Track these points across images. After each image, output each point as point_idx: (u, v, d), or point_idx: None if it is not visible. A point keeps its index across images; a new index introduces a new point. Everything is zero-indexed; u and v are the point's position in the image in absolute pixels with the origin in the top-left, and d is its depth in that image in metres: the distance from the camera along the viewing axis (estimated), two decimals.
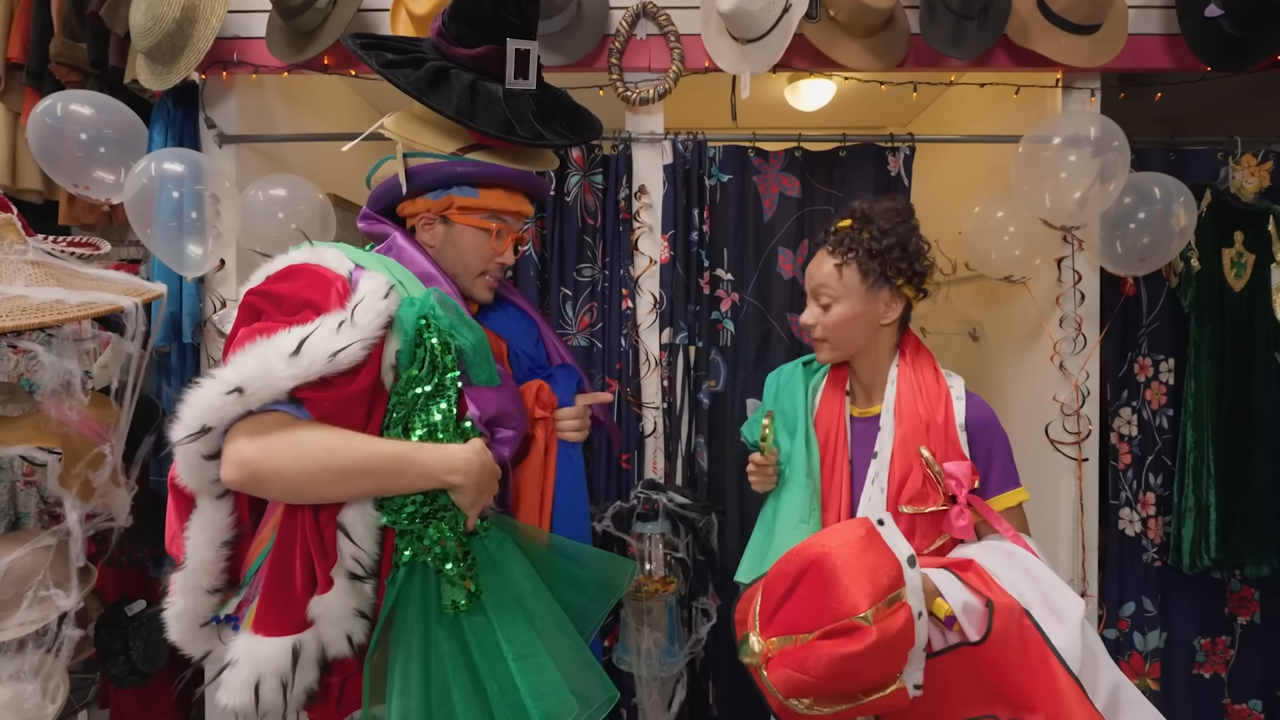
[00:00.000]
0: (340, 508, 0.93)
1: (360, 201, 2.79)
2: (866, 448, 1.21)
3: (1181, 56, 1.91)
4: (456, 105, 1.08)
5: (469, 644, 0.97)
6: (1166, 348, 2.00)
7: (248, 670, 0.89)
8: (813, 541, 0.92)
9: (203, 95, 1.95)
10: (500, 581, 1.02)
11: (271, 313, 0.91)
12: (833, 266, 1.19)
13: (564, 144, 1.17)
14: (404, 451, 0.92)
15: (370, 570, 0.95)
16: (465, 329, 1.01)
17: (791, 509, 1.20)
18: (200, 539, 0.94)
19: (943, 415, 1.16)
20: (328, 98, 2.47)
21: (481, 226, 1.13)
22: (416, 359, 0.96)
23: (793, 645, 0.87)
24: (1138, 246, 1.82)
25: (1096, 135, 1.72)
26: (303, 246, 0.99)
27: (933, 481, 1.12)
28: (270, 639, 0.91)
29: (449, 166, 1.11)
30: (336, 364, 0.87)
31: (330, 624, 0.92)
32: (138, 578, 2.01)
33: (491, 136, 1.09)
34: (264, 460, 0.85)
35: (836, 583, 0.86)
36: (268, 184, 1.89)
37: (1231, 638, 2.03)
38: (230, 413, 0.85)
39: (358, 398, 0.91)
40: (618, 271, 1.95)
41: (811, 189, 1.99)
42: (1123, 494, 2.02)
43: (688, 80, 1.95)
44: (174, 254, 1.80)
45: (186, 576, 0.95)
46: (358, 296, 0.91)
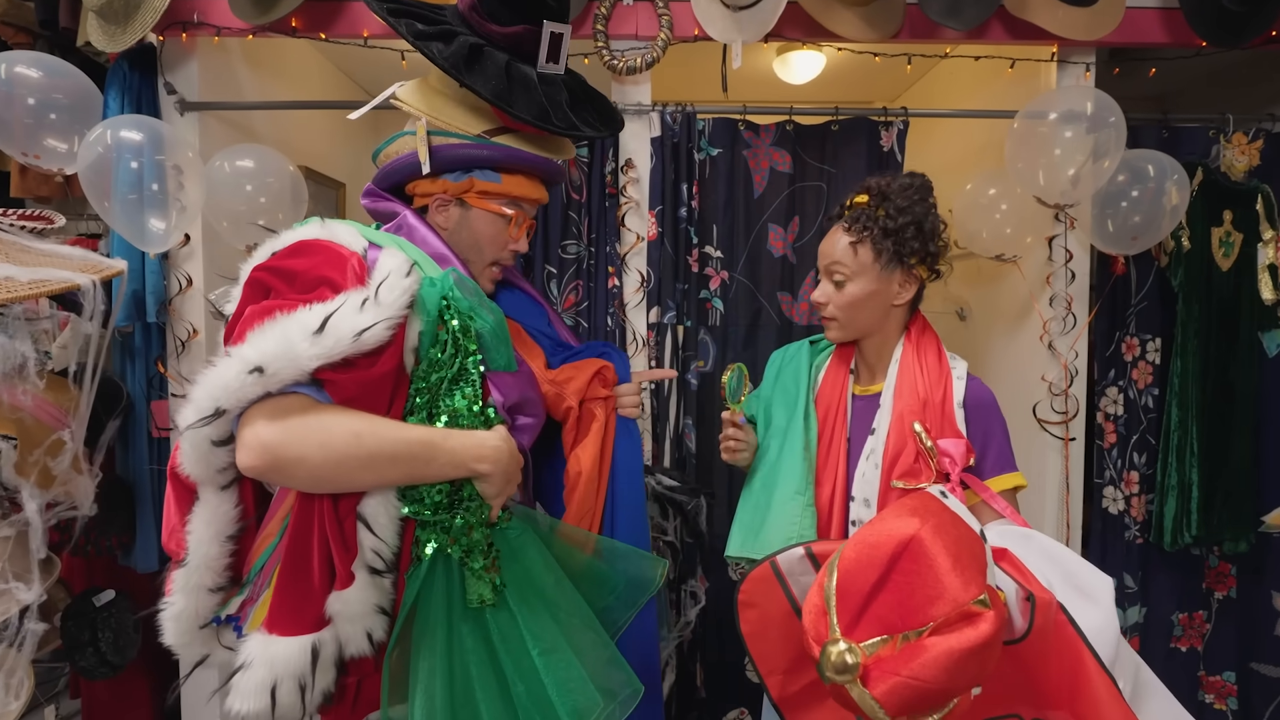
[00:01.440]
0: (360, 497, 0.87)
1: (335, 174, 2.69)
2: (866, 425, 1.19)
3: (1176, 31, 1.88)
4: (495, 88, 1.03)
5: (493, 639, 0.93)
6: (1154, 327, 2.00)
7: (263, 673, 0.83)
8: (892, 522, 0.82)
9: (161, 59, 1.84)
10: (522, 574, 0.98)
11: (283, 290, 0.85)
12: (848, 244, 1.15)
13: (595, 135, 1.13)
14: (433, 438, 0.88)
15: (390, 564, 0.89)
16: (485, 311, 0.96)
17: (789, 480, 1.17)
18: (204, 533, 0.88)
19: (941, 394, 1.15)
20: (297, 63, 2.34)
21: (498, 213, 1.09)
22: (438, 341, 0.91)
23: (894, 647, 0.74)
24: (1129, 225, 1.81)
25: (1093, 111, 1.69)
26: (311, 221, 0.93)
27: (925, 457, 1.10)
28: (287, 639, 0.84)
29: (474, 149, 1.06)
30: (361, 344, 0.81)
31: (350, 621, 0.86)
32: (106, 567, 1.94)
33: (527, 123, 1.05)
34: (286, 445, 0.79)
35: (938, 565, 0.76)
36: (234, 154, 1.79)
37: (1208, 612, 2.07)
38: (249, 394, 0.79)
39: (382, 380, 0.86)
40: (604, 249, 1.89)
41: (803, 164, 1.94)
42: (1107, 473, 2.03)
43: (676, 50, 1.88)
44: (134, 228, 1.70)
45: (188, 574, 0.88)
46: (380, 274, 0.86)
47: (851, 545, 0.83)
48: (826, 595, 0.80)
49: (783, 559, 0.98)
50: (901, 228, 1.12)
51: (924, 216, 1.13)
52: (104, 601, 1.73)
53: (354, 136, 2.88)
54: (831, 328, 1.21)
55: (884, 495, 1.11)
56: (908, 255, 1.14)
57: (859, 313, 1.18)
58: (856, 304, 1.16)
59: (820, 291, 1.20)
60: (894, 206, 1.13)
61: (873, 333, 1.20)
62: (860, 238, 1.14)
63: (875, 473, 1.14)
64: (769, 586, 0.98)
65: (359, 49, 1.89)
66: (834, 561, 0.83)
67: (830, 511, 1.16)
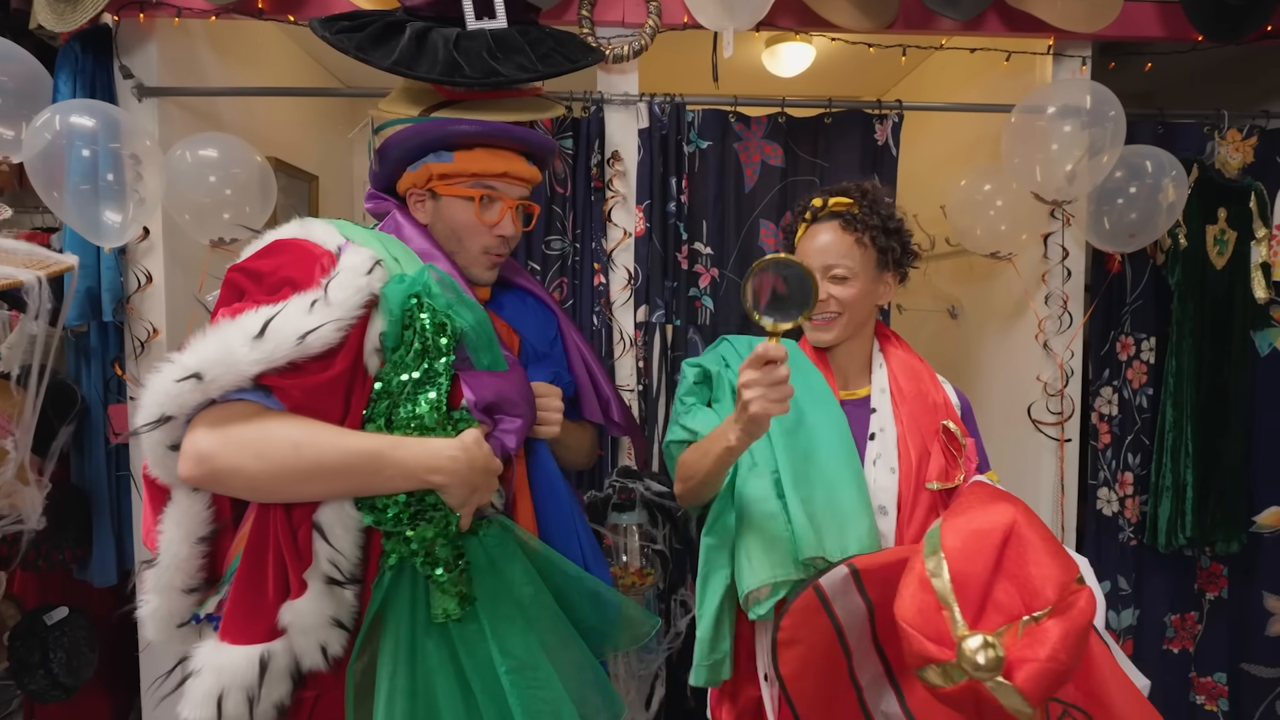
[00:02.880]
0: (316, 505, 0.84)
1: (307, 167, 2.59)
2: (858, 430, 1.14)
3: (1173, 25, 1.85)
4: (396, 57, 0.98)
5: (459, 655, 0.88)
6: (1149, 326, 1.97)
7: (210, 681, 0.81)
8: (986, 510, 0.81)
9: (117, 40, 1.72)
10: (498, 586, 0.92)
11: (252, 291, 0.84)
12: (854, 241, 1.14)
13: (526, 78, 1.03)
14: (380, 448, 0.82)
15: (350, 575, 0.85)
16: (464, 309, 0.92)
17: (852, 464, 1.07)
18: (174, 534, 0.86)
19: (941, 395, 1.18)
20: (264, 48, 2.23)
21: (463, 195, 1.01)
22: (404, 342, 0.87)
23: (1016, 635, 0.72)
24: (1126, 222, 1.77)
25: (1092, 105, 1.65)
26: (294, 220, 0.92)
27: (953, 457, 1.09)
28: (235, 648, 0.82)
29: (415, 131, 1.01)
30: (306, 347, 0.79)
31: (302, 633, 0.83)
32: (60, 582, 1.82)
33: (434, 82, 0.99)
34: (221, 456, 0.78)
35: (1040, 547, 0.76)
36: (196, 143, 1.69)
37: (1200, 613, 2.05)
38: (188, 401, 0.78)
39: (331, 385, 0.83)
40: (589, 245, 1.81)
41: (795, 158, 1.88)
42: (1101, 474, 2.01)
43: (664, 39, 1.80)
44: (88, 221, 1.59)
45: (159, 574, 0.86)
46: (335, 271, 0.84)
47: (954, 536, 0.79)
48: (940, 590, 0.76)
49: (827, 582, 0.91)
50: (898, 229, 1.16)
51: (903, 221, 1.18)
52: (56, 620, 1.62)
53: (327, 127, 2.77)
54: (833, 327, 1.15)
55: (908, 501, 1.07)
56: (899, 256, 1.17)
57: (859, 312, 1.15)
58: (858, 302, 1.14)
59: (822, 289, 1.14)
60: (885, 209, 1.15)
61: (854, 334, 1.18)
62: (861, 236, 1.13)
63: (891, 478, 1.09)
64: (814, 616, 0.92)
65: None
66: (933, 555, 0.79)
67: None
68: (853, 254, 1.13)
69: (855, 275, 1.13)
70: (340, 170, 2.93)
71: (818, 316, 1.14)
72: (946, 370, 2.63)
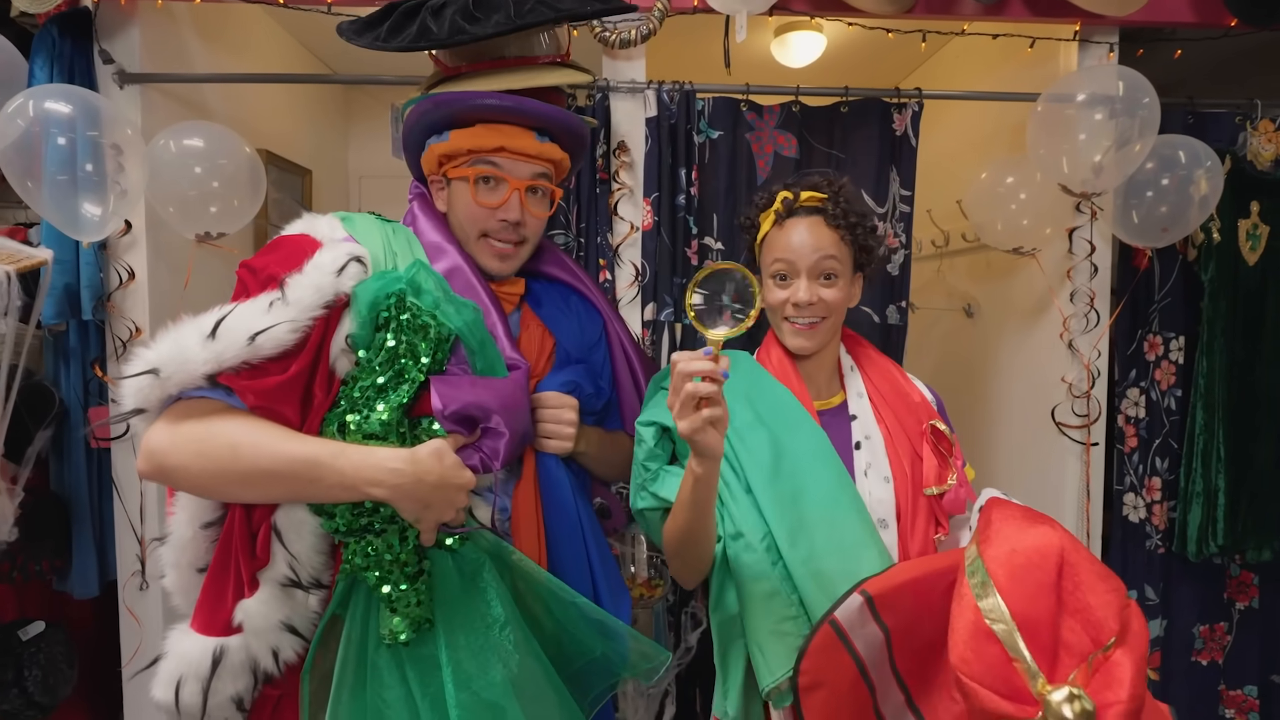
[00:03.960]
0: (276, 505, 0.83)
1: (300, 160, 2.50)
2: (841, 440, 1.04)
3: (1204, 10, 1.78)
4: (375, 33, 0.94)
5: (409, 681, 0.82)
6: (1178, 325, 1.89)
7: (172, 666, 0.82)
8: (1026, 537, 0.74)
9: (97, 24, 1.64)
10: (468, 611, 0.84)
11: (252, 287, 0.83)
12: (839, 238, 1.03)
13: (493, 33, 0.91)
14: (319, 456, 0.78)
15: (310, 580, 0.84)
16: (452, 309, 0.86)
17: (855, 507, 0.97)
18: (181, 516, 0.86)
19: (918, 394, 1.10)
20: (253, 34, 2.15)
21: (462, 175, 0.94)
22: (375, 344, 0.82)
23: (1086, 673, 0.67)
24: (1156, 216, 1.69)
25: (1124, 92, 1.57)
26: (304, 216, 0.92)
27: (943, 457, 1.02)
28: (197, 637, 0.83)
29: (414, 112, 0.95)
30: (257, 348, 0.77)
31: (254, 634, 0.82)
32: (39, 594, 1.73)
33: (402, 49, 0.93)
34: (168, 453, 0.78)
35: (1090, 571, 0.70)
36: (181, 132, 1.61)
37: (1229, 623, 1.97)
38: (152, 396, 0.78)
39: (286, 388, 0.80)
40: (594, 239, 1.73)
41: (810, 149, 1.80)
42: (1127, 479, 1.92)
43: (673, 25, 1.72)
44: (66, 214, 1.50)
45: (170, 551, 0.87)
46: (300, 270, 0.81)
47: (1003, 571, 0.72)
48: (1006, 639, 0.68)
49: (842, 614, 0.83)
50: (873, 228, 1.07)
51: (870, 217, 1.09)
52: (31, 635, 1.53)
53: (320, 119, 2.68)
54: (818, 332, 1.02)
55: (908, 510, 0.99)
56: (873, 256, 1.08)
57: (840, 311, 1.05)
58: (841, 301, 1.04)
59: (808, 290, 1.01)
60: (859, 205, 1.06)
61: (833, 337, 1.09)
62: (842, 234, 1.03)
63: (886, 487, 1.01)
64: (834, 654, 0.83)
65: (322, 20, 1.70)
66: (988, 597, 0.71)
67: None
68: (841, 250, 1.03)
69: (841, 275, 1.03)
70: (335, 164, 2.84)
71: (801, 321, 1.03)
72: (961, 371, 2.54)
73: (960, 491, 1.00)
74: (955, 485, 1.01)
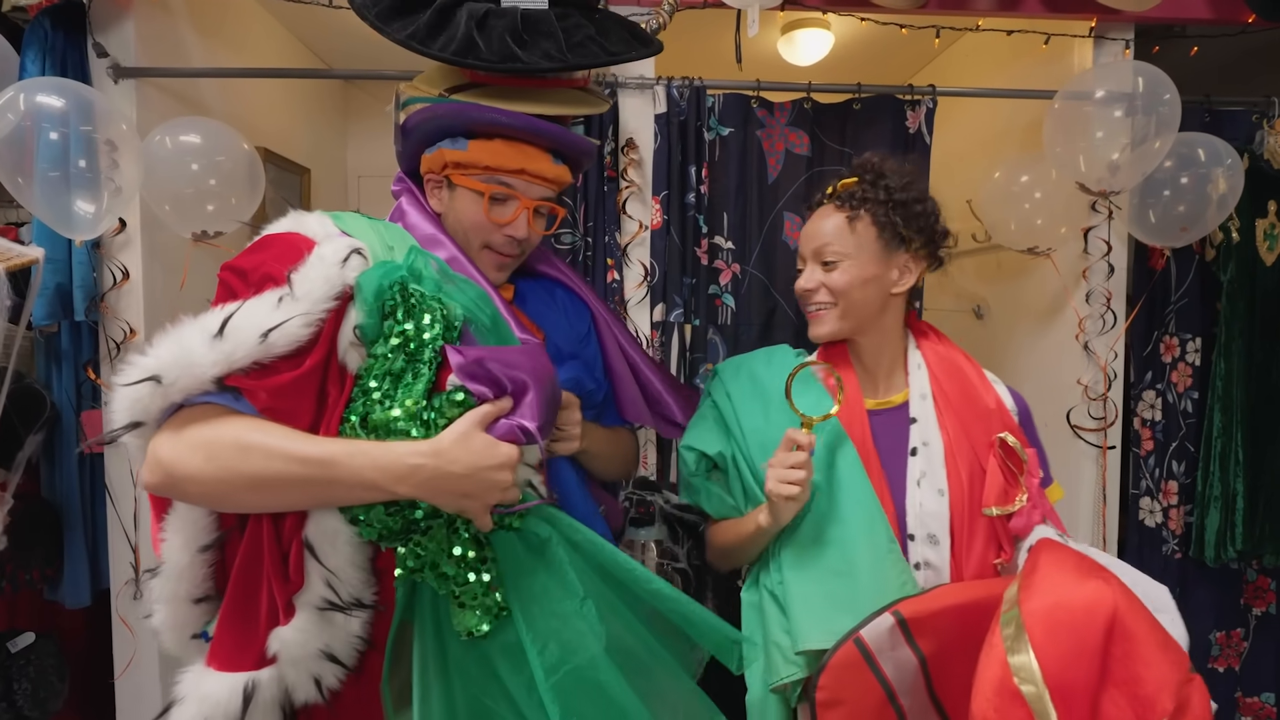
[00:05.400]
0: (305, 519, 0.77)
1: (298, 158, 2.45)
2: (895, 444, 1.01)
3: (1221, 7, 1.75)
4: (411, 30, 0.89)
5: (501, 676, 0.79)
6: (1194, 326, 1.86)
7: (192, 711, 0.75)
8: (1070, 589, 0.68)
9: (91, 16, 1.59)
10: (543, 589, 0.80)
11: (241, 289, 0.79)
12: (844, 220, 1.01)
13: (547, 68, 0.90)
14: (335, 455, 0.73)
15: (351, 599, 0.77)
16: (455, 289, 0.83)
17: (873, 530, 0.94)
18: (175, 541, 0.79)
19: (995, 399, 1.01)
20: (251, 30, 2.10)
21: (474, 188, 0.92)
22: (384, 333, 0.78)
23: None
24: (1173, 215, 1.66)
25: (1144, 89, 1.54)
26: (289, 214, 0.87)
27: (1012, 475, 0.94)
28: (220, 675, 0.76)
29: (432, 111, 0.92)
30: (270, 346, 0.73)
31: (292, 664, 0.76)
32: (30, 605, 1.68)
33: (445, 61, 0.88)
34: (176, 461, 0.72)
35: (1149, 639, 0.64)
36: (177, 128, 1.56)
37: (1245, 629, 1.94)
38: (151, 406, 0.73)
39: (299, 384, 0.75)
40: (602, 238, 1.69)
41: (821, 146, 1.76)
42: (1143, 483, 1.89)
43: (681, 20, 1.68)
44: (58, 212, 1.46)
45: (163, 583, 0.80)
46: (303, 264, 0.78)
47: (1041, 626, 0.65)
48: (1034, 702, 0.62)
49: (869, 633, 0.79)
50: (909, 201, 1.00)
51: (925, 195, 1.02)
52: (20, 647, 1.48)
53: (319, 117, 2.64)
54: (825, 319, 1.02)
55: (963, 529, 0.93)
56: (912, 233, 1.00)
57: (859, 298, 1.00)
58: (854, 288, 1.00)
59: (807, 278, 1.03)
60: (893, 181, 1.00)
61: (869, 328, 1.03)
62: (858, 213, 1.00)
63: (940, 501, 0.95)
64: (857, 673, 0.79)
65: (323, 14, 1.66)
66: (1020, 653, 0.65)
67: None
68: (843, 234, 1.00)
69: (849, 258, 0.99)
70: (334, 163, 2.80)
71: (810, 307, 1.04)
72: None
73: (1033, 515, 0.93)
74: (1026, 507, 0.93)
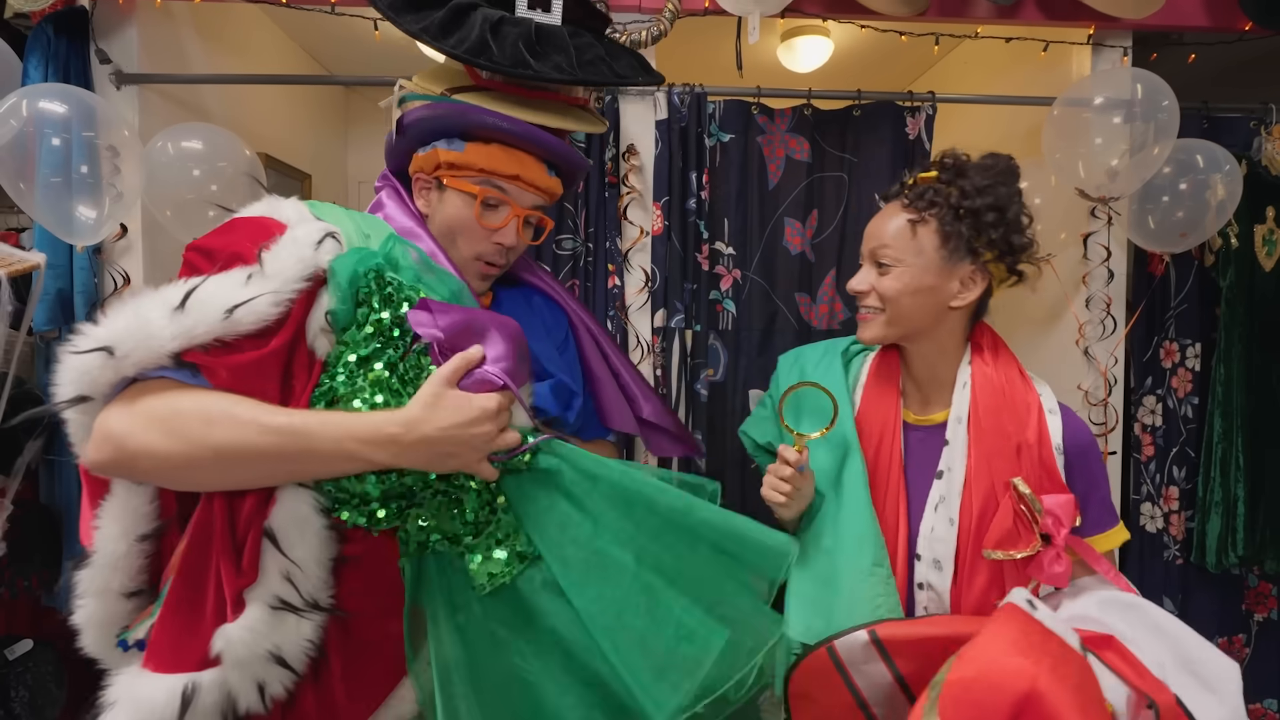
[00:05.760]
0: (269, 505, 0.72)
1: (299, 165, 2.46)
2: (926, 463, 0.97)
3: (1218, 14, 1.76)
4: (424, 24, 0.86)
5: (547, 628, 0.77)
6: (1194, 331, 1.86)
7: (124, 717, 0.69)
8: (995, 661, 0.66)
9: (94, 23, 1.60)
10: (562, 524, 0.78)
11: (205, 268, 0.75)
12: (906, 222, 0.93)
13: (558, 79, 0.89)
14: (307, 424, 0.70)
15: (308, 599, 0.72)
16: (436, 281, 0.81)
17: (860, 548, 0.93)
18: (111, 530, 0.74)
19: (1035, 433, 0.92)
20: (253, 36, 2.11)
21: (466, 191, 0.89)
22: (356, 320, 0.76)
23: None
24: (1172, 221, 1.67)
25: (1143, 95, 1.55)
26: (265, 199, 0.82)
27: (1026, 520, 0.89)
28: (157, 676, 0.70)
29: (432, 110, 0.89)
30: (235, 322, 0.70)
31: (236, 665, 0.70)
32: (28, 610, 1.67)
33: (457, 57, 0.87)
34: (130, 434, 0.68)
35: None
36: (179, 134, 1.56)
37: (1248, 635, 1.94)
38: (101, 379, 0.69)
39: (263, 363, 0.72)
40: (603, 244, 1.69)
41: (822, 152, 1.77)
42: (1144, 488, 1.89)
43: (683, 28, 1.69)
44: (59, 217, 1.46)
45: (94, 574, 0.75)
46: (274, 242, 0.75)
47: (950, 699, 0.65)
48: None
49: (842, 645, 0.80)
50: (980, 210, 0.90)
51: (1008, 201, 0.92)
52: (18, 654, 1.47)
53: (320, 123, 2.65)
54: (872, 324, 0.97)
55: (966, 561, 0.91)
56: (982, 246, 0.91)
57: (909, 306, 0.94)
58: (906, 294, 0.93)
59: (859, 278, 0.97)
60: (970, 184, 0.92)
61: (921, 338, 0.98)
62: (923, 216, 0.92)
63: (949, 530, 0.92)
64: (827, 678, 0.80)
65: (325, 21, 1.67)
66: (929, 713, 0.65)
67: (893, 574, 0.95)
68: (903, 237, 0.92)
69: (904, 264, 0.93)
70: (334, 169, 2.80)
71: (860, 309, 0.99)
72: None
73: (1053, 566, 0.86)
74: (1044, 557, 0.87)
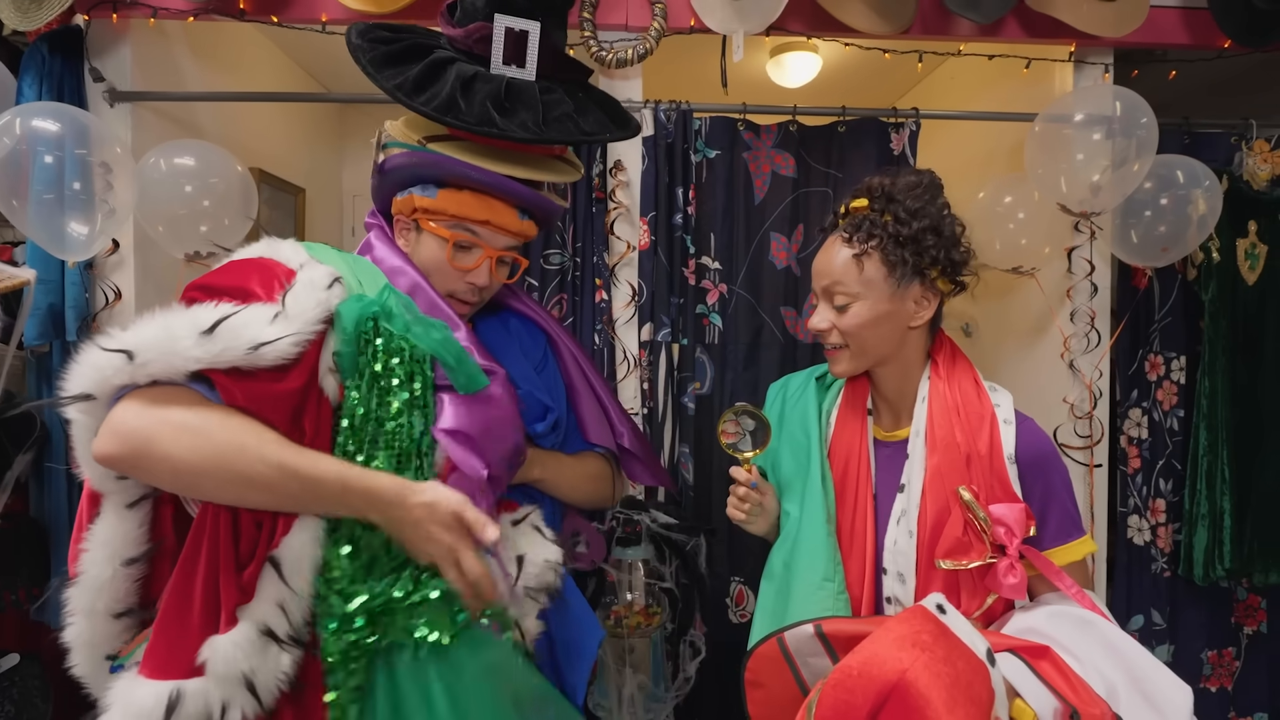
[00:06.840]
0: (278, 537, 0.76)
1: (293, 179, 2.48)
2: (893, 479, 1.00)
3: (1198, 32, 1.79)
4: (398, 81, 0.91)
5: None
6: (1178, 344, 1.88)
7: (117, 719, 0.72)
8: (876, 654, 0.68)
9: (88, 42, 1.62)
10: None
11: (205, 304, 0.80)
12: (850, 257, 0.95)
13: (520, 138, 0.92)
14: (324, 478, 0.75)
15: (295, 632, 0.75)
16: (421, 329, 0.85)
17: (812, 564, 0.97)
18: (98, 553, 0.78)
19: (987, 443, 0.94)
20: (247, 53, 2.14)
21: (440, 235, 0.94)
22: (358, 369, 0.81)
23: None
24: (1154, 235, 1.69)
25: (1122, 112, 1.57)
26: (263, 240, 0.88)
27: (976, 529, 0.90)
28: (148, 682, 0.73)
29: (408, 158, 0.94)
30: (258, 357, 0.74)
31: (215, 680, 0.72)
32: (16, 625, 1.67)
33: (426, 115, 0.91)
34: (154, 435, 0.71)
35: (930, 711, 0.63)
36: (171, 151, 1.59)
37: (1237, 648, 1.94)
38: (114, 380, 0.73)
39: (280, 399, 0.77)
40: (590, 259, 1.71)
41: (807, 168, 1.79)
42: (1131, 501, 1.90)
43: (670, 44, 1.72)
44: (51, 233, 1.48)
45: (81, 594, 0.78)
46: (293, 285, 0.80)
47: (830, 684, 0.69)
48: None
49: (791, 637, 0.85)
50: (918, 234, 0.93)
51: (940, 219, 0.95)
52: (5, 668, 1.47)
53: (314, 138, 2.67)
54: (840, 359, 1.00)
55: (924, 572, 0.93)
56: (927, 266, 0.94)
57: (871, 338, 0.97)
58: (866, 328, 0.96)
59: (820, 317, 0.99)
60: (903, 209, 0.94)
61: (889, 361, 1.00)
62: (865, 249, 0.94)
63: (909, 541, 0.95)
64: (776, 666, 0.85)
65: (317, 38, 1.69)
66: (810, 705, 0.70)
67: (861, 587, 0.97)
68: (851, 274, 0.95)
69: (858, 298, 0.95)
70: (329, 183, 2.82)
71: (826, 345, 1.01)
72: None
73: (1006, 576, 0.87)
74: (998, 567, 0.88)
